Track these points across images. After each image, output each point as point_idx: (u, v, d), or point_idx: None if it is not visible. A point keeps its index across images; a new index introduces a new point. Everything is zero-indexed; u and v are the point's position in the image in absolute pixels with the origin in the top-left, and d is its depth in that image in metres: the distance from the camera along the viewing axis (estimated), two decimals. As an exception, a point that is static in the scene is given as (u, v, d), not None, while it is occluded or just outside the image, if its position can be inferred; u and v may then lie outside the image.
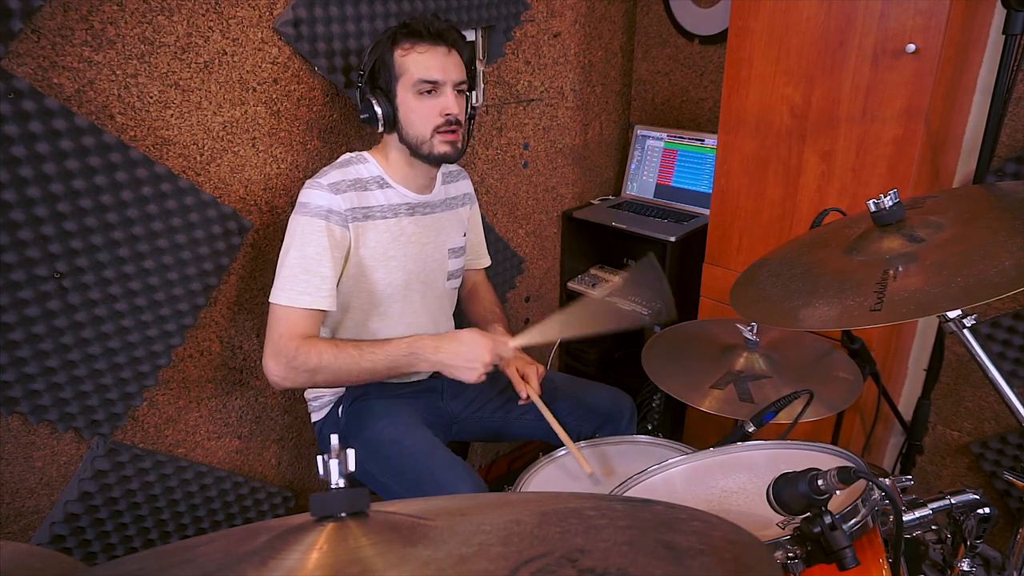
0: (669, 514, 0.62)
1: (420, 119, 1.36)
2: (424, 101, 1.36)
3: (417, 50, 1.34)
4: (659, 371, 1.37)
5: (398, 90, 1.36)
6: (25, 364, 1.27)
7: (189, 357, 1.53)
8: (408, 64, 1.34)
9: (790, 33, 1.60)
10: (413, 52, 1.34)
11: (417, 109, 1.36)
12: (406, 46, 1.34)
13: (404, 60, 1.35)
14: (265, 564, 0.51)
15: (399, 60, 1.35)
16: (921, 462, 1.98)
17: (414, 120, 1.37)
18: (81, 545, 1.44)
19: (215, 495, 1.63)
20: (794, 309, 1.01)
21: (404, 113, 1.37)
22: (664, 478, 1.07)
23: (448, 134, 1.38)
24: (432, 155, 1.39)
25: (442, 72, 1.35)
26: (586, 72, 2.26)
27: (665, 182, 2.30)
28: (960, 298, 0.86)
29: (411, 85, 1.35)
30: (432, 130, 1.37)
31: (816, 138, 1.63)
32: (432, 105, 1.36)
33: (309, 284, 1.31)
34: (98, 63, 1.25)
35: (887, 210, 1.04)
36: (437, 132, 1.37)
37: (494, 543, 0.53)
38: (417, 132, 1.37)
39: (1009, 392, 0.96)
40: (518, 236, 2.24)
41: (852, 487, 0.76)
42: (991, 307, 1.76)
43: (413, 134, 1.38)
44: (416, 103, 1.36)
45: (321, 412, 1.55)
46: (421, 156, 1.40)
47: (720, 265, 1.91)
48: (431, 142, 1.38)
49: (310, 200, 1.33)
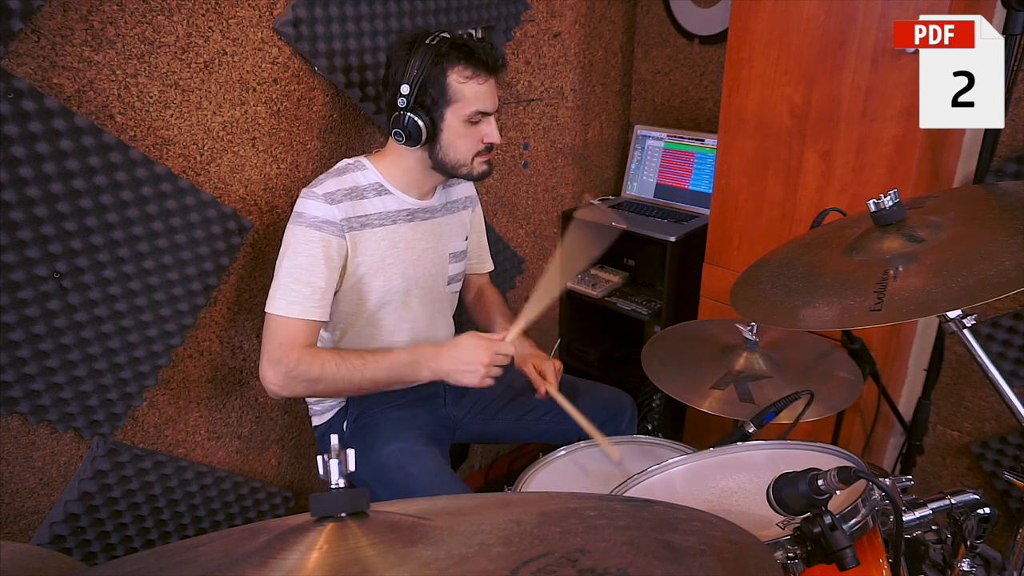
0: (669, 514, 0.62)
1: (465, 145, 1.38)
2: (472, 128, 1.37)
3: (476, 81, 1.33)
4: (659, 371, 1.37)
5: (447, 114, 1.34)
6: (25, 364, 1.27)
7: (189, 357, 1.53)
8: (466, 93, 1.33)
9: (790, 33, 1.60)
10: (472, 83, 1.33)
11: (465, 136, 1.37)
12: (466, 73, 1.32)
13: (461, 87, 1.32)
14: (265, 564, 0.51)
15: (456, 86, 1.32)
16: (921, 462, 1.98)
17: (459, 145, 1.38)
18: (81, 545, 1.44)
19: (215, 495, 1.63)
20: (794, 309, 1.01)
21: (449, 136, 1.37)
22: (664, 478, 1.07)
23: (486, 155, 1.42)
24: (472, 175, 1.44)
25: (493, 104, 1.37)
26: (586, 72, 2.26)
27: (682, 185, 2.29)
28: (960, 298, 0.86)
29: (465, 113, 1.34)
30: (473, 155, 1.40)
31: (816, 138, 1.63)
32: (477, 132, 1.38)
33: (299, 294, 1.31)
34: (98, 63, 1.25)
35: (887, 210, 1.04)
36: (478, 156, 1.40)
37: (494, 543, 0.53)
38: (459, 156, 1.39)
39: (1009, 392, 0.96)
40: (518, 236, 2.24)
41: (852, 487, 0.76)
42: (991, 307, 1.76)
43: (454, 156, 1.39)
44: (465, 130, 1.36)
45: (323, 417, 1.54)
46: (457, 175, 1.44)
47: (720, 265, 1.91)
48: (471, 164, 1.41)
49: (305, 210, 1.33)
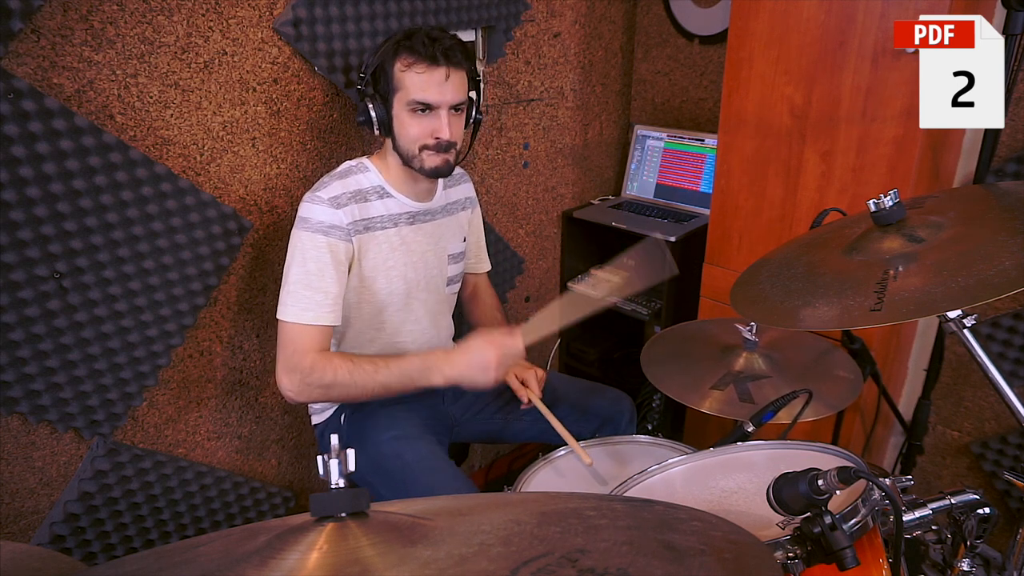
0: (669, 514, 0.62)
1: (410, 136, 1.35)
2: (417, 119, 1.33)
3: (415, 69, 1.30)
4: (659, 372, 1.37)
5: (394, 102, 1.34)
6: (25, 364, 1.27)
7: (189, 357, 1.53)
8: (405, 81, 1.31)
9: (790, 33, 1.60)
10: (411, 71, 1.30)
11: (409, 126, 1.34)
12: (406, 61, 1.30)
13: (402, 76, 1.31)
14: (265, 564, 0.51)
15: (397, 74, 1.31)
16: (921, 462, 1.98)
17: (404, 134, 1.35)
18: (81, 545, 1.44)
19: (215, 495, 1.63)
20: (794, 309, 1.01)
21: (397, 126, 1.36)
22: (664, 478, 1.07)
23: (437, 152, 1.36)
24: (423, 169, 1.38)
25: (437, 95, 1.31)
26: (586, 72, 2.26)
27: (682, 185, 2.26)
28: (960, 298, 0.86)
29: (405, 102, 1.32)
30: (420, 148, 1.36)
31: (816, 138, 1.63)
32: (425, 124, 1.34)
33: (311, 300, 1.31)
34: (98, 63, 1.25)
35: (887, 210, 1.04)
36: (426, 149, 1.36)
37: (494, 543, 0.53)
38: (406, 147, 1.36)
39: (1009, 392, 0.96)
40: (518, 236, 2.24)
41: (852, 487, 0.76)
42: (991, 307, 1.76)
43: (404, 147, 1.37)
44: (409, 119, 1.34)
45: (322, 416, 1.55)
46: (412, 168, 1.40)
47: (720, 265, 1.91)
48: (420, 157, 1.37)
49: (311, 215, 1.32)
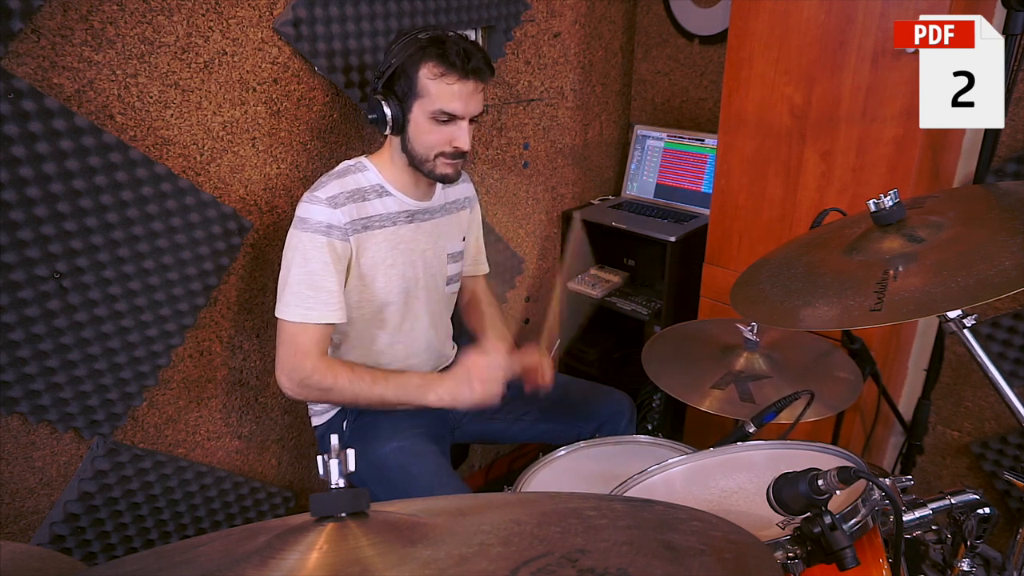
0: (669, 514, 0.62)
1: (428, 142, 1.35)
2: (438, 128, 1.33)
3: (446, 80, 1.29)
4: (659, 371, 1.37)
5: (414, 106, 1.32)
6: (25, 364, 1.27)
7: (189, 357, 1.53)
8: (432, 89, 1.30)
9: (790, 33, 1.60)
10: (441, 81, 1.29)
11: (428, 132, 1.34)
12: (436, 70, 1.29)
13: (429, 83, 1.30)
14: (265, 564, 0.51)
15: (423, 80, 1.30)
16: (921, 462, 1.98)
17: (422, 140, 1.35)
18: (81, 545, 1.44)
19: (215, 495, 1.63)
20: (794, 309, 1.01)
21: (413, 131, 1.35)
22: (664, 478, 1.07)
23: (452, 160, 1.37)
24: (434, 174, 1.39)
25: (463, 108, 1.32)
26: (586, 72, 2.26)
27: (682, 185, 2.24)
28: (960, 298, 0.86)
29: (429, 111, 1.31)
30: (436, 155, 1.36)
31: (816, 138, 1.63)
32: (445, 133, 1.34)
33: (316, 299, 1.31)
34: (98, 63, 1.25)
35: (887, 210, 1.04)
36: (442, 156, 1.36)
37: (494, 543, 0.53)
38: (422, 151, 1.36)
39: (1009, 392, 0.96)
40: (518, 236, 2.24)
41: (852, 487, 0.76)
42: (991, 307, 1.76)
43: (418, 150, 1.36)
44: (429, 126, 1.33)
45: (323, 417, 1.54)
46: (422, 172, 1.40)
47: (720, 265, 1.91)
48: (434, 163, 1.37)
49: (309, 216, 1.32)
